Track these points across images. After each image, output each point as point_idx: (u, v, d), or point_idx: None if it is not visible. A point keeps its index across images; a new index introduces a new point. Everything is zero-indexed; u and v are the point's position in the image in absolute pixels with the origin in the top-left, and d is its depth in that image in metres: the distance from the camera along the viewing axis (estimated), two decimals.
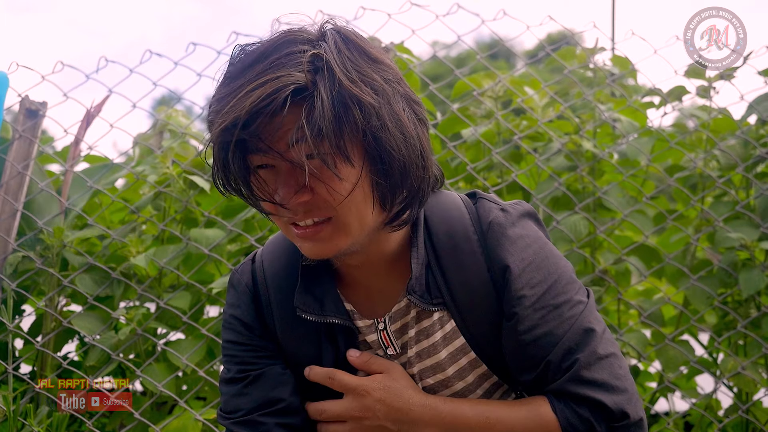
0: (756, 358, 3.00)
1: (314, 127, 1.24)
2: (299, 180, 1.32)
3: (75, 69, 2.89)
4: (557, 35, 3.48)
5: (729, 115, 3.22)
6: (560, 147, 3.10)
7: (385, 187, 1.35)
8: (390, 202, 1.37)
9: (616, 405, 1.37)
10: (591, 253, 3.13)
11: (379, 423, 1.46)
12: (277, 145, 1.28)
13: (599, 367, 1.40)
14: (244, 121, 1.24)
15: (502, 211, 1.50)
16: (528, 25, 3.06)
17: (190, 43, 2.90)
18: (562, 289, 1.46)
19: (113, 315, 2.81)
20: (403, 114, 1.34)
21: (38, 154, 2.96)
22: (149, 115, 3.23)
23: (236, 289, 1.61)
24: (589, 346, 1.41)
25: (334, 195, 1.31)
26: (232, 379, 1.55)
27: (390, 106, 1.32)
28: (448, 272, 1.48)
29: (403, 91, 1.37)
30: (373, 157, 1.32)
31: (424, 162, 1.39)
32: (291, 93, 1.23)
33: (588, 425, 1.37)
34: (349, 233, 1.37)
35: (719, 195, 3.26)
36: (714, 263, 3.12)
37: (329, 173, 1.30)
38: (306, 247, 1.39)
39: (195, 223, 3.08)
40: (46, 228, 2.85)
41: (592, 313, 1.46)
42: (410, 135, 1.34)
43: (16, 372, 2.75)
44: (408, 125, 1.34)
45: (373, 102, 1.28)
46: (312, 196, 1.32)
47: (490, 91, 3.17)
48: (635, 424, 1.39)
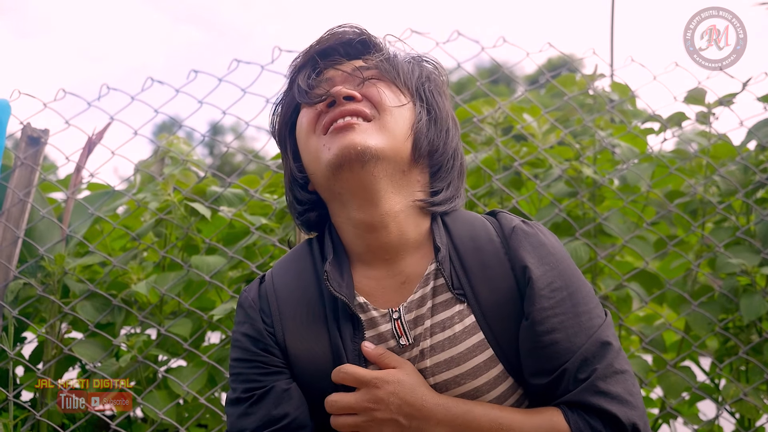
0: (758, 384, 2.99)
1: (386, 57, 1.60)
2: (357, 84, 1.56)
3: (77, 96, 2.90)
4: (557, 60, 3.50)
5: (729, 141, 3.23)
6: (561, 173, 3.11)
7: (424, 132, 1.57)
8: (420, 151, 1.56)
9: (628, 419, 1.38)
10: (592, 279, 3.13)
11: (391, 416, 1.43)
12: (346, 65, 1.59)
13: (615, 380, 1.41)
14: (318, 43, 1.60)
15: (524, 222, 1.58)
16: (528, 52, 3.07)
17: (191, 70, 2.91)
18: (582, 299, 1.49)
19: (114, 342, 2.81)
20: (453, 113, 1.69)
21: (40, 181, 2.96)
22: (150, 142, 3.23)
23: (243, 306, 1.64)
24: (606, 359, 1.43)
25: (383, 96, 1.54)
26: (238, 399, 1.55)
27: (446, 95, 1.67)
28: (470, 270, 1.52)
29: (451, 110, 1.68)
30: (423, 104, 1.59)
31: (459, 158, 1.65)
32: (361, 35, 1.60)
33: None
34: (381, 135, 1.51)
35: (720, 221, 3.27)
36: (715, 289, 3.12)
37: (384, 86, 1.56)
38: (338, 140, 1.51)
39: (196, 250, 3.09)
40: (48, 255, 2.85)
41: (609, 328, 1.48)
42: (456, 124, 1.67)
43: (17, 399, 2.74)
44: (456, 120, 1.68)
45: (437, 77, 1.66)
46: (361, 99, 1.54)
47: (489, 117, 3.18)
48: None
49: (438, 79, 1.67)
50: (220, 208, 2.97)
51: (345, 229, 1.60)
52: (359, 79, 1.56)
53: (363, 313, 1.54)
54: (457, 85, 5.31)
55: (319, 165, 1.53)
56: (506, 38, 3.04)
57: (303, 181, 1.64)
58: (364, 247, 1.58)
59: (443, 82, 1.68)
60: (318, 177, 1.56)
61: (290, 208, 1.71)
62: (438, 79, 1.67)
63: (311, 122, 1.56)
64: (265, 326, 1.58)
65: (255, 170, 3.25)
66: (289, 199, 1.70)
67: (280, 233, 2.94)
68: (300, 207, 1.67)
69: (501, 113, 3.18)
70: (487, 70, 5.40)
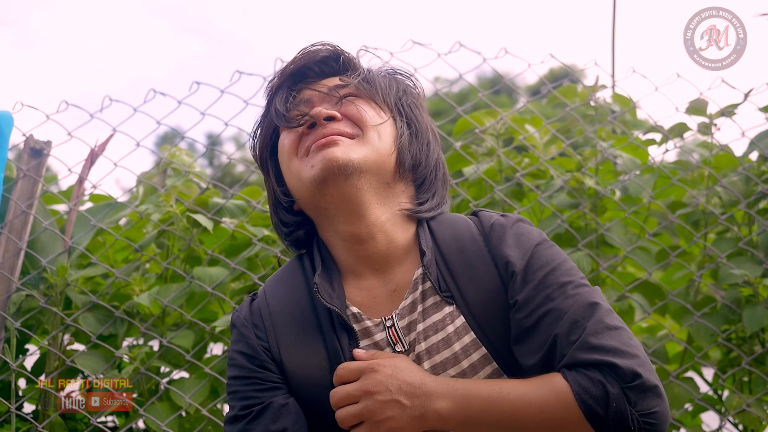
0: (761, 395, 2.98)
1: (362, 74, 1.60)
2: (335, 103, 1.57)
3: (79, 108, 2.90)
4: (559, 70, 3.50)
5: (730, 151, 3.23)
6: (562, 184, 3.11)
7: (407, 146, 1.59)
8: (404, 165, 1.58)
9: (627, 366, 1.35)
10: None
11: (392, 397, 1.41)
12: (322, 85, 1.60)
13: (608, 335, 1.40)
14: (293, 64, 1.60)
15: (502, 216, 1.62)
16: (530, 63, 3.08)
17: (193, 82, 2.92)
18: (566, 271, 1.50)
19: (116, 354, 2.81)
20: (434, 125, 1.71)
21: (42, 193, 2.96)
22: (152, 153, 3.23)
23: (235, 326, 1.65)
24: (595, 316, 1.42)
25: (363, 114, 1.55)
26: (236, 417, 1.55)
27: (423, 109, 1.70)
28: (456, 272, 1.54)
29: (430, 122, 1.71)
30: (403, 118, 1.61)
31: (442, 169, 1.67)
32: (335, 52, 1.61)
33: (601, 387, 1.34)
34: (365, 149, 1.53)
35: (722, 231, 3.27)
36: (717, 300, 3.12)
37: (363, 104, 1.57)
38: (319, 156, 1.52)
39: (198, 262, 3.09)
40: (50, 267, 2.85)
41: (597, 293, 1.48)
42: (437, 137, 1.68)
43: (19, 411, 2.74)
44: (436, 132, 1.69)
45: (414, 91, 1.69)
46: (341, 118, 1.55)
47: (491, 128, 3.18)
48: (651, 389, 1.35)
49: (414, 92, 1.69)
50: (222, 219, 2.97)
51: (334, 242, 1.61)
52: (337, 98, 1.57)
53: (357, 323, 1.55)
54: (458, 95, 5.30)
55: (304, 183, 1.54)
56: (508, 49, 3.05)
57: (288, 204, 1.65)
58: (354, 259, 1.59)
59: (419, 95, 1.70)
60: (303, 195, 1.58)
61: (276, 230, 1.71)
62: (414, 92, 1.69)
63: (293, 145, 1.57)
64: (259, 342, 1.59)
65: (257, 181, 3.25)
66: (274, 220, 1.71)
67: (282, 244, 2.94)
68: (286, 228, 1.68)
69: (502, 124, 3.18)
70: (488, 81, 5.42)
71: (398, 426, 1.40)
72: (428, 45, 3.00)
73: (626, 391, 1.33)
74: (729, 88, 3.14)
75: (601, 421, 1.33)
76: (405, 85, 1.68)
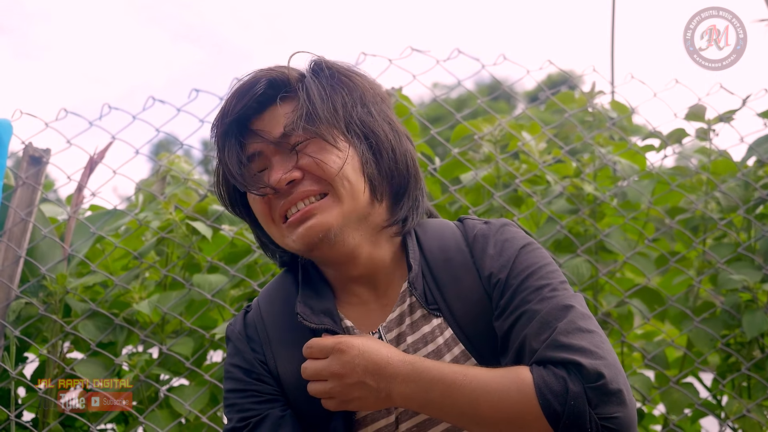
0: (761, 400, 2.98)
1: (303, 110, 1.46)
2: (289, 162, 1.48)
3: (78, 116, 2.91)
4: (557, 76, 3.51)
5: (729, 157, 3.23)
6: (561, 190, 3.11)
7: (374, 173, 1.51)
8: (380, 192, 1.51)
9: (592, 366, 1.32)
10: (593, 295, 3.12)
11: (358, 379, 1.40)
12: (267, 132, 1.49)
13: (578, 336, 1.37)
14: (233, 106, 1.49)
15: (486, 224, 1.59)
16: (528, 70, 3.09)
17: (192, 89, 2.92)
18: (546, 275, 1.48)
19: (116, 361, 2.81)
20: (394, 117, 1.58)
21: (41, 201, 2.96)
22: (149, 160, 3.24)
23: (231, 339, 1.65)
24: (568, 317, 1.39)
25: (324, 167, 1.46)
26: (233, 429, 1.55)
27: (379, 106, 1.55)
28: (443, 284, 1.53)
29: (385, 108, 1.58)
30: (360, 137, 1.50)
31: (413, 168, 1.57)
32: (270, 80, 1.49)
33: (562, 383, 1.31)
34: (341, 209, 1.48)
35: (720, 237, 3.27)
36: (717, 305, 3.12)
37: (318, 148, 1.46)
38: (298, 233, 1.49)
39: (198, 269, 3.09)
40: (49, 274, 2.85)
41: (576, 298, 1.45)
42: (399, 132, 1.56)
43: (18, 419, 2.74)
44: (397, 124, 1.57)
45: (360, 91, 1.53)
46: (302, 174, 1.47)
47: (489, 135, 3.19)
48: (614, 393, 1.32)
49: (360, 92, 1.55)
50: (221, 226, 2.97)
51: (319, 265, 1.62)
52: (288, 148, 1.49)
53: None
54: (457, 101, 5.32)
55: (289, 248, 1.54)
56: (506, 55, 3.05)
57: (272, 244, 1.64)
58: (341, 279, 1.59)
59: (367, 89, 1.56)
60: (289, 251, 1.58)
61: (262, 248, 1.71)
62: (361, 92, 1.55)
63: (265, 212, 1.53)
64: (255, 355, 1.59)
65: None
66: (258, 242, 1.70)
67: None
68: (269, 252, 1.69)
69: (500, 131, 3.19)
70: (487, 87, 5.42)
71: (366, 405, 1.44)
72: (427, 52, 3.01)
73: (587, 391, 1.30)
74: (727, 93, 3.15)
75: (558, 417, 1.30)
76: (349, 88, 1.53)
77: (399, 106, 3.13)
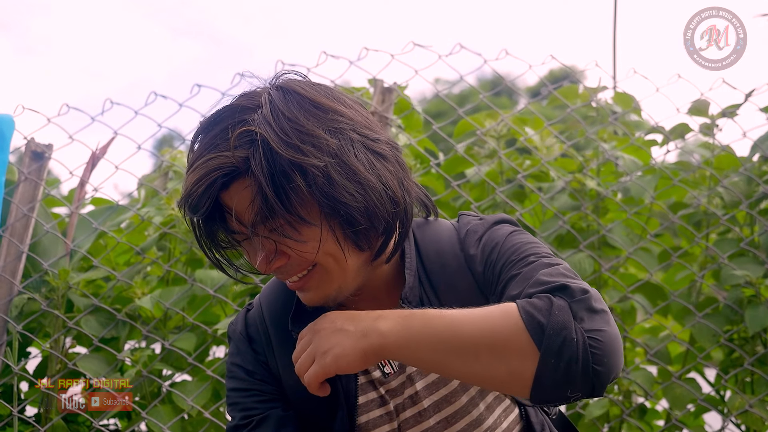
0: (763, 396, 2.98)
1: (257, 207, 1.32)
2: (269, 248, 1.38)
3: (80, 111, 2.90)
4: (560, 72, 3.50)
5: (732, 152, 3.23)
6: (564, 185, 3.11)
7: (354, 233, 1.38)
8: (365, 243, 1.41)
9: (577, 285, 1.27)
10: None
11: (337, 327, 1.34)
12: (233, 222, 1.38)
13: (561, 275, 1.33)
14: (190, 203, 1.35)
15: (479, 220, 1.56)
16: (530, 65, 3.07)
17: (194, 84, 2.91)
18: (533, 250, 1.43)
19: (119, 356, 2.81)
20: (356, 161, 1.35)
21: (44, 196, 2.96)
22: (152, 155, 3.23)
23: (232, 338, 1.64)
24: (553, 267, 1.35)
25: (304, 255, 1.37)
26: (236, 427, 1.55)
27: (339, 158, 1.34)
28: (441, 292, 1.51)
29: (357, 135, 1.38)
30: (330, 211, 1.34)
31: (392, 197, 1.40)
32: (221, 176, 1.32)
33: (546, 300, 1.26)
34: (333, 280, 1.42)
35: (723, 232, 3.27)
36: (720, 300, 3.12)
37: (289, 228, 1.35)
38: (302, 296, 1.47)
39: (200, 264, 3.08)
40: (52, 270, 2.85)
41: (563, 264, 1.40)
42: (367, 179, 1.36)
43: (21, 415, 2.74)
44: (363, 171, 1.36)
45: (316, 163, 1.31)
46: (287, 259, 1.39)
47: (492, 130, 3.18)
48: (599, 312, 1.26)
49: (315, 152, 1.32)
50: None
51: None
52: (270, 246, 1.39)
53: None
54: (459, 96, 5.32)
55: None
56: (508, 50, 3.04)
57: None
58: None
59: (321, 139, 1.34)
60: None
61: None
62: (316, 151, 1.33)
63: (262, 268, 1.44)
64: (257, 356, 1.59)
65: None
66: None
67: None
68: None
69: (503, 126, 3.18)
70: (489, 82, 5.41)
71: (342, 352, 1.32)
72: (429, 47, 3.00)
73: (572, 305, 1.25)
74: (730, 88, 3.14)
75: (542, 329, 1.22)
76: (302, 154, 1.31)
77: (401, 101, 3.13)
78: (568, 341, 1.21)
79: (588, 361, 1.21)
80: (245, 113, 1.35)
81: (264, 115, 1.33)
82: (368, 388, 1.54)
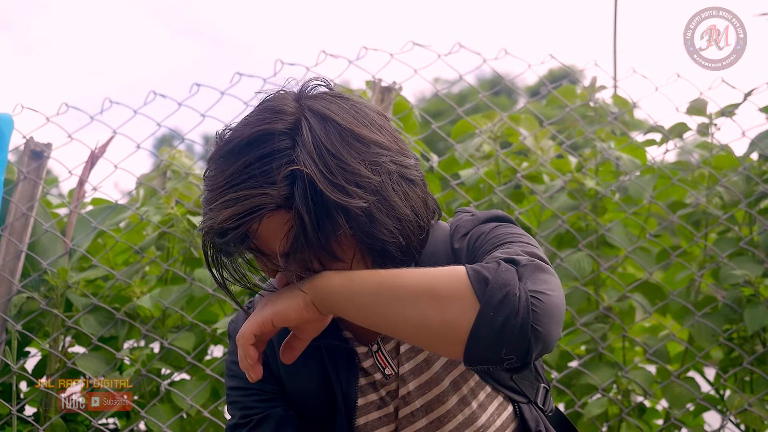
0: (763, 395, 2.98)
1: (292, 241, 1.29)
2: (291, 274, 1.36)
3: (79, 110, 2.90)
4: (559, 71, 3.50)
5: (731, 151, 3.23)
6: (562, 185, 3.11)
7: (382, 260, 1.36)
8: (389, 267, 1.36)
9: (525, 252, 1.28)
10: (595, 290, 3.12)
11: (288, 288, 1.35)
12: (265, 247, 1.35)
13: (516, 248, 1.32)
14: (222, 234, 1.31)
15: (471, 216, 1.53)
16: (530, 64, 3.08)
17: (193, 83, 2.91)
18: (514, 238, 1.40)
19: (117, 356, 2.81)
20: (395, 195, 1.34)
21: (43, 195, 2.96)
22: (151, 155, 3.23)
23: (232, 337, 1.62)
24: (516, 244, 1.35)
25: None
26: (236, 425, 1.55)
27: (380, 194, 1.32)
28: None
29: (394, 166, 1.35)
30: (366, 247, 1.34)
31: (420, 222, 1.40)
32: (261, 212, 1.28)
33: (494, 262, 1.25)
34: None
35: (722, 231, 3.27)
36: (719, 299, 3.12)
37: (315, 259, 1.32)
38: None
39: (199, 263, 3.08)
40: (51, 269, 2.85)
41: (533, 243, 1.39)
42: (405, 215, 1.35)
43: (20, 414, 2.74)
44: (401, 206, 1.35)
45: (360, 204, 1.28)
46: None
47: (488, 131, 3.18)
48: (545, 272, 1.26)
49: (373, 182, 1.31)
50: None
51: None
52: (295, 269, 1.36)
53: None
54: (458, 96, 5.31)
55: None
56: (508, 50, 3.05)
57: None
58: None
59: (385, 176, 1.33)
60: None
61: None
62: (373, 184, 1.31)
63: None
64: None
65: None
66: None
67: None
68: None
69: (500, 126, 3.18)
70: (488, 82, 5.43)
71: (282, 304, 1.34)
72: (428, 46, 3.01)
73: (519, 268, 1.23)
74: (729, 88, 3.14)
75: (486, 282, 1.21)
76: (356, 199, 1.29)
77: (398, 103, 3.13)
78: (510, 296, 1.19)
79: (527, 318, 1.18)
80: (282, 140, 1.29)
81: (306, 149, 1.28)
82: (368, 390, 1.54)
